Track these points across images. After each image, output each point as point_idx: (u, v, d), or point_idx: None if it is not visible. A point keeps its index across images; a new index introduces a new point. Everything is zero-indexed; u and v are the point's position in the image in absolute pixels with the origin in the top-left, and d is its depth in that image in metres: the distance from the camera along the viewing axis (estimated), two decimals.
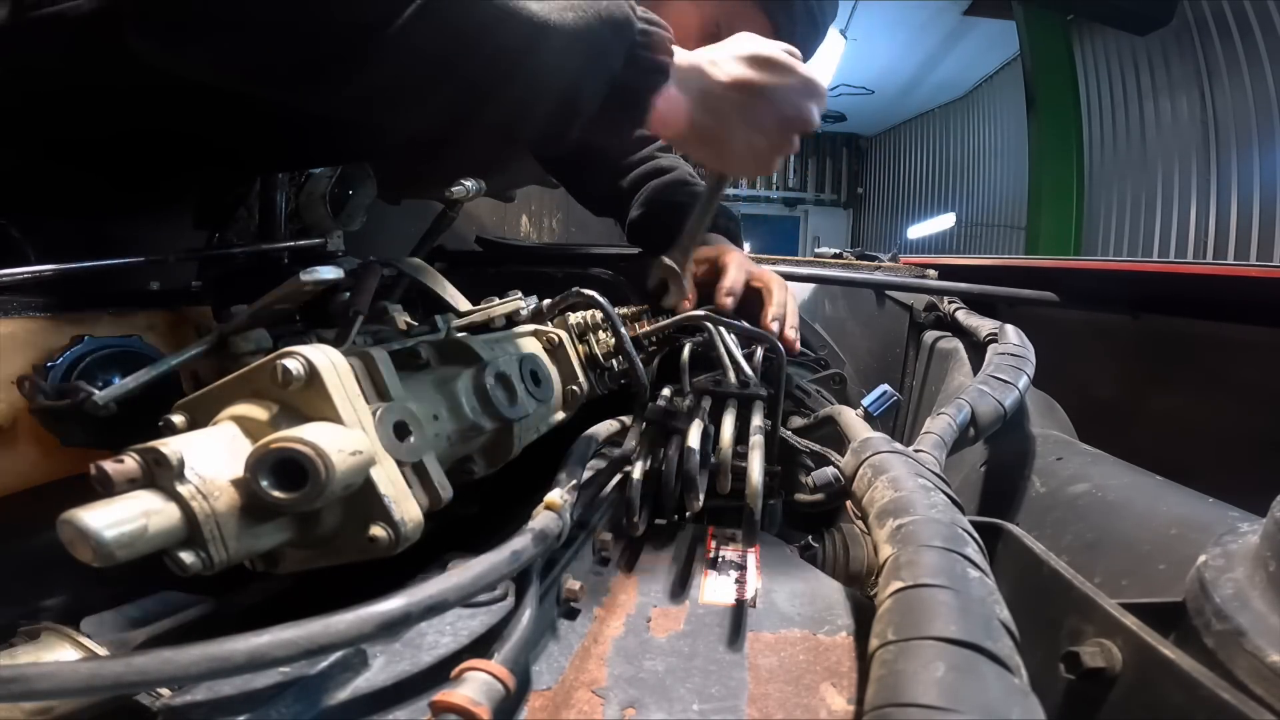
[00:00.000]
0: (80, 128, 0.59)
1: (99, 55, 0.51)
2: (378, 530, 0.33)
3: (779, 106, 0.58)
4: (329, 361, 0.34)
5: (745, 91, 0.56)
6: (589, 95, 0.50)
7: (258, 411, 0.33)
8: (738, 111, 0.57)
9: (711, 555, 0.46)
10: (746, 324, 0.66)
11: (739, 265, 0.81)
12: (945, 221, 7.59)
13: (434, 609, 0.29)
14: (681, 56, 0.55)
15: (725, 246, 0.86)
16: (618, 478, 0.52)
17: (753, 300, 0.81)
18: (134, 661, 0.23)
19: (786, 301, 0.81)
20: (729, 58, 0.57)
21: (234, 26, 0.42)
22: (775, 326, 0.78)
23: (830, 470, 0.56)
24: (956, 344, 0.93)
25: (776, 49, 0.58)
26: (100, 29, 0.49)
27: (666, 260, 0.72)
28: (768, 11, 0.78)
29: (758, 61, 0.57)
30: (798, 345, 0.82)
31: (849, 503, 0.53)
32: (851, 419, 0.57)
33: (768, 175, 0.74)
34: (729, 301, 0.78)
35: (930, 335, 1.02)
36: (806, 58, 0.88)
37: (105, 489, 0.28)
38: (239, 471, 0.30)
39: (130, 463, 0.29)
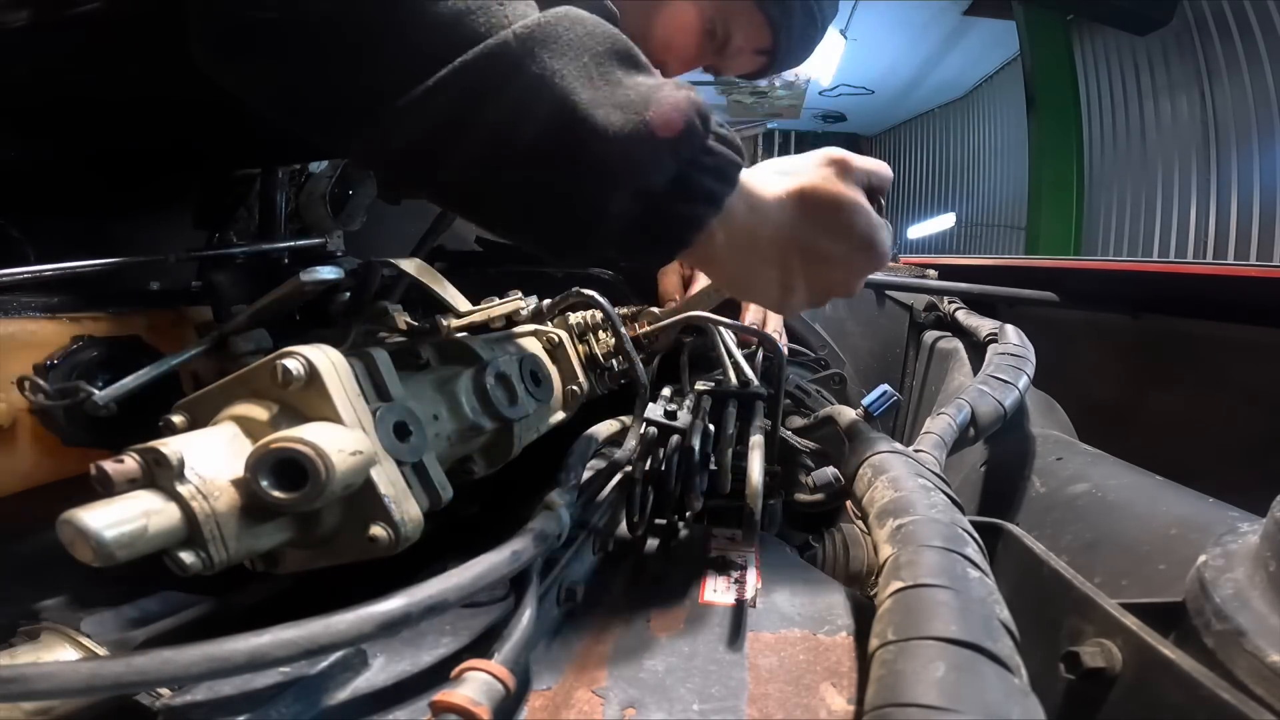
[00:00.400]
0: (92, 131, 0.59)
1: (109, 59, 0.51)
2: (378, 530, 0.33)
3: (831, 275, 0.45)
4: (329, 361, 0.34)
5: (797, 253, 0.44)
6: (614, 214, 0.38)
7: (258, 411, 0.33)
8: (779, 267, 0.44)
9: (711, 555, 0.46)
10: (745, 324, 0.66)
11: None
12: (945, 221, 7.59)
13: (434, 609, 0.29)
14: (750, 185, 0.42)
15: None
16: (618, 478, 0.52)
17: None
18: (134, 662, 0.23)
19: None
20: (795, 197, 0.43)
21: (280, 51, 0.37)
22: (751, 318, 0.73)
23: (830, 470, 0.56)
24: (956, 344, 0.93)
25: (858, 207, 0.44)
26: (110, 32, 0.49)
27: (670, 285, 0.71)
28: (765, 10, 0.76)
29: (828, 213, 0.43)
30: (782, 340, 0.78)
31: (849, 503, 0.53)
32: (851, 419, 0.57)
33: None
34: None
35: (930, 335, 1.02)
36: (806, 55, 0.83)
37: (105, 489, 0.28)
38: (239, 471, 0.30)
39: (130, 463, 0.29)
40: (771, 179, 0.44)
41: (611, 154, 0.36)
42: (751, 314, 0.76)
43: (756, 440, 0.48)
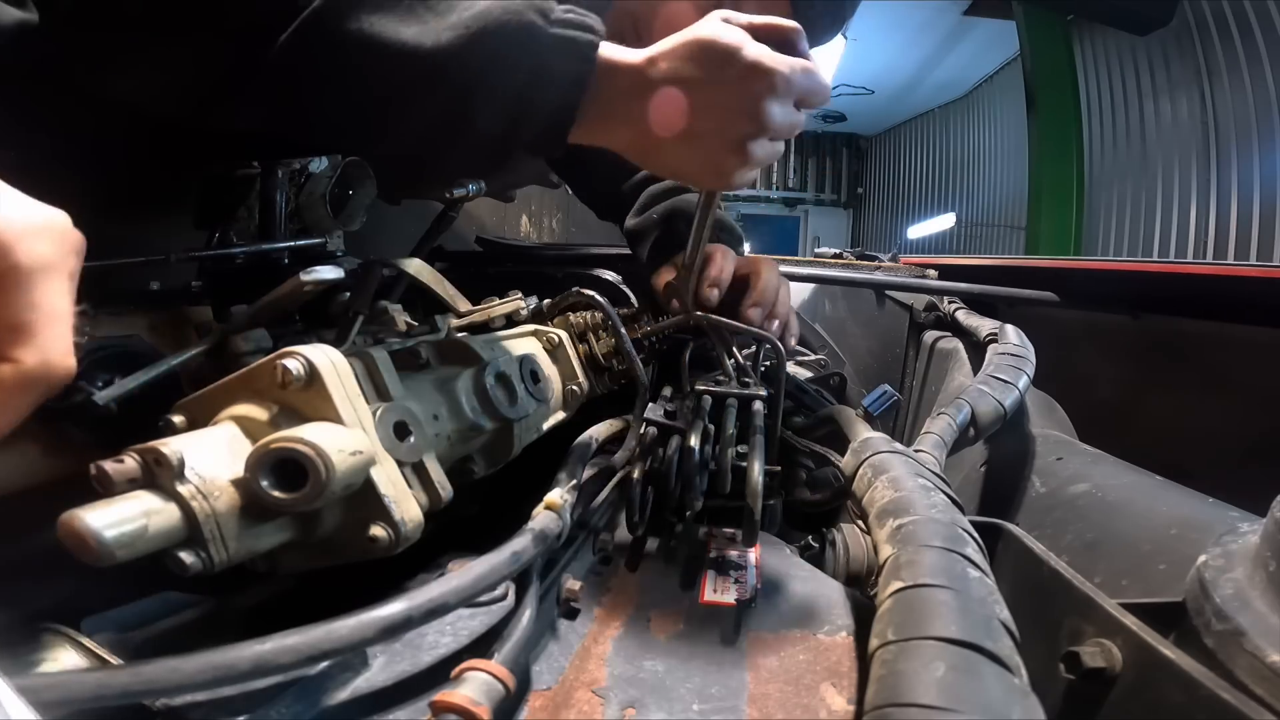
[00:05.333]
0: (89, 130, 0.59)
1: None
2: (378, 530, 0.33)
3: (720, 113, 0.46)
4: (329, 361, 0.34)
5: (682, 94, 0.45)
6: (488, 123, 0.44)
7: (258, 411, 0.33)
8: (676, 125, 0.46)
9: (711, 555, 0.46)
10: (745, 325, 0.66)
11: (724, 255, 0.74)
12: (945, 221, 7.59)
13: (435, 612, 0.29)
14: (616, 56, 0.46)
15: (714, 245, 0.78)
16: (618, 478, 0.52)
17: (741, 290, 0.75)
18: (141, 671, 0.24)
19: (776, 289, 0.75)
20: (669, 53, 0.46)
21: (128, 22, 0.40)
22: (754, 314, 0.71)
23: (830, 470, 0.56)
24: (956, 344, 0.93)
25: (730, 35, 0.45)
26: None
27: (665, 281, 0.68)
28: None
29: (700, 53, 0.45)
30: (791, 336, 0.76)
31: (849, 503, 0.53)
32: (851, 419, 0.57)
33: (738, 188, 0.55)
34: (714, 294, 0.71)
35: (930, 335, 1.02)
36: (827, 32, 0.76)
37: (105, 489, 0.28)
38: (239, 471, 0.30)
39: (130, 463, 0.29)
40: (653, 49, 0.47)
41: (454, 71, 0.41)
42: (754, 296, 0.73)
43: (756, 440, 0.48)
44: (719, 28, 0.46)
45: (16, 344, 0.25)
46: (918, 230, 8.25)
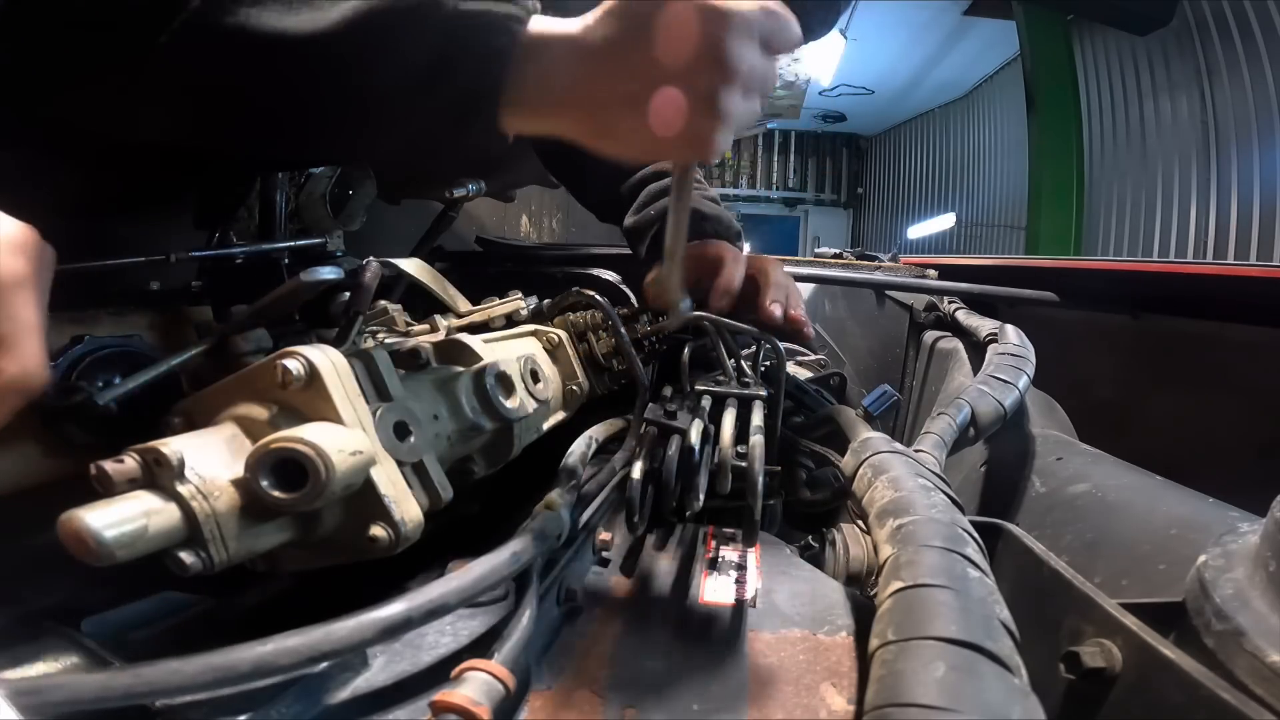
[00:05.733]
0: (88, 131, 0.58)
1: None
2: (378, 530, 0.33)
3: (679, 65, 0.39)
4: (329, 361, 0.34)
5: (633, 54, 0.40)
6: (395, 109, 0.41)
7: (258, 411, 0.33)
8: (620, 77, 0.41)
9: (711, 555, 0.46)
10: (745, 325, 0.66)
11: (734, 260, 0.72)
12: (945, 221, 7.59)
13: (435, 613, 0.29)
14: (548, 28, 0.41)
15: (718, 244, 0.75)
16: (618, 478, 0.52)
17: (752, 292, 0.72)
18: (143, 673, 0.24)
19: (787, 284, 0.73)
20: (609, 10, 0.40)
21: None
22: (776, 310, 0.68)
23: (830, 470, 0.56)
24: (956, 344, 0.93)
25: None
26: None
27: (653, 278, 0.65)
28: None
29: (635, 11, 0.39)
30: (807, 328, 0.72)
31: (849, 503, 0.53)
32: (851, 419, 0.57)
33: (716, 156, 0.44)
34: (725, 303, 0.68)
35: (930, 335, 1.02)
36: (820, 28, 0.73)
37: (105, 489, 0.28)
38: (239, 471, 0.30)
39: (130, 463, 0.29)
40: (586, 15, 0.41)
41: (342, 58, 0.38)
42: (771, 293, 0.71)
43: (756, 440, 0.48)
44: None
45: None
46: (918, 230, 8.25)
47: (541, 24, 0.41)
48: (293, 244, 0.75)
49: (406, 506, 0.34)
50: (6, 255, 0.27)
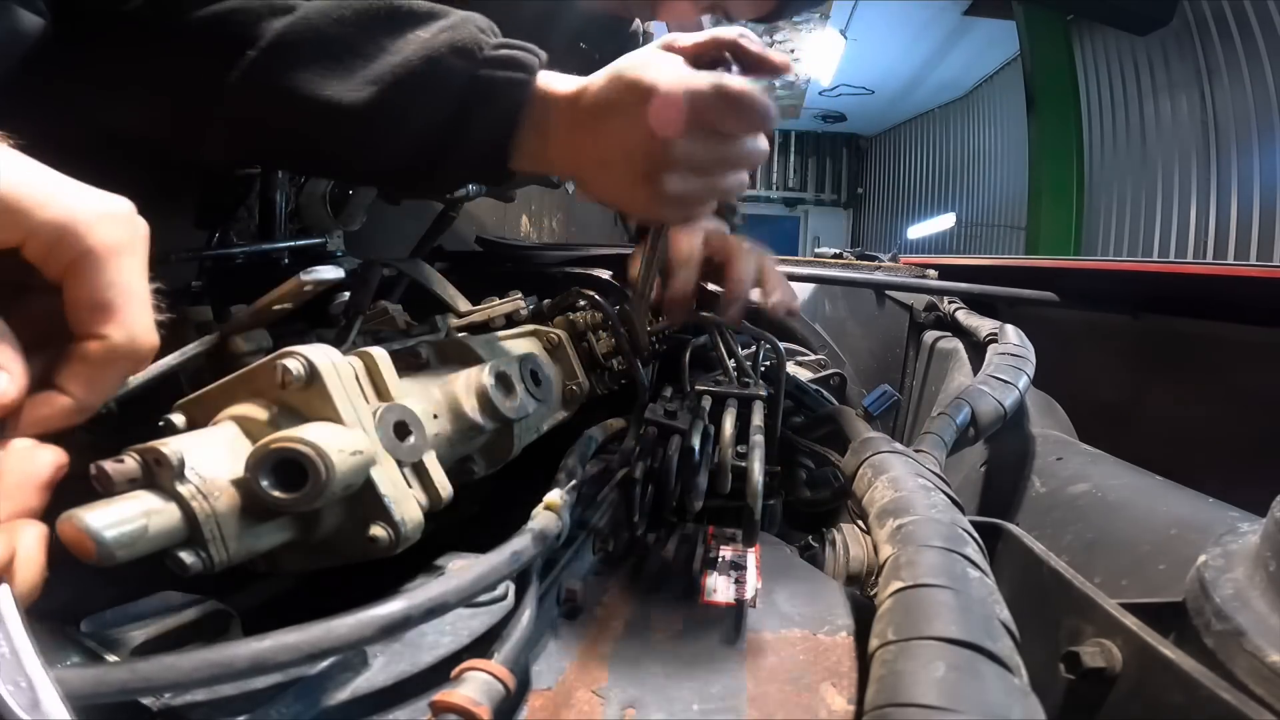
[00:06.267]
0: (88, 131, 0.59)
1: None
2: (378, 530, 0.33)
3: (625, 143, 0.44)
4: (329, 361, 0.34)
5: (602, 123, 0.44)
6: (413, 162, 0.47)
7: (258, 411, 0.33)
8: (598, 144, 0.45)
9: (711, 555, 0.46)
10: (747, 323, 0.66)
11: (746, 262, 0.63)
12: (945, 221, 7.59)
13: (434, 611, 0.29)
14: (553, 87, 0.46)
15: (727, 241, 0.66)
16: (618, 478, 0.52)
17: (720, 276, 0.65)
18: (138, 668, 0.23)
19: (754, 268, 0.64)
20: (597, 84, 0.45)
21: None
22: (734, 311, 0.62)
23: (830, 470, 0.56)
24: (956, 344, 0.93)
25: (646, 65, 0.44)
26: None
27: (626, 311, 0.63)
28: None
29: (616, 81, 0.44)
30: (794, 302, 0.66)
31: (849, 503, 0.53)
32: (851, 419, 0.57)
33: (675, 222, 0.56)
34: (735, 312, 0.63)
35: (930, 335, 1.02)
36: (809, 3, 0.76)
37: (105, 489, 0.28)
38: (239, 471, 0.30)
39: (130, 463, 0.29)
40: (583, 80, 0.46)
41: (372, 124, 0.44)
42: (732, 285, 0.64)
43: (756, 440, 0.48)
44: (644, 56, 0.45)
45: (102, 322, 0.27)
46: (918, 230, 8.25)
47: (549, 81, 0.46)
48: (293, 244, 0.75)
49: (406, 506, 0.34)
50: (110, 225, 0.27)
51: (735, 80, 0.43)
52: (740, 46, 0.46)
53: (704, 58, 0.46)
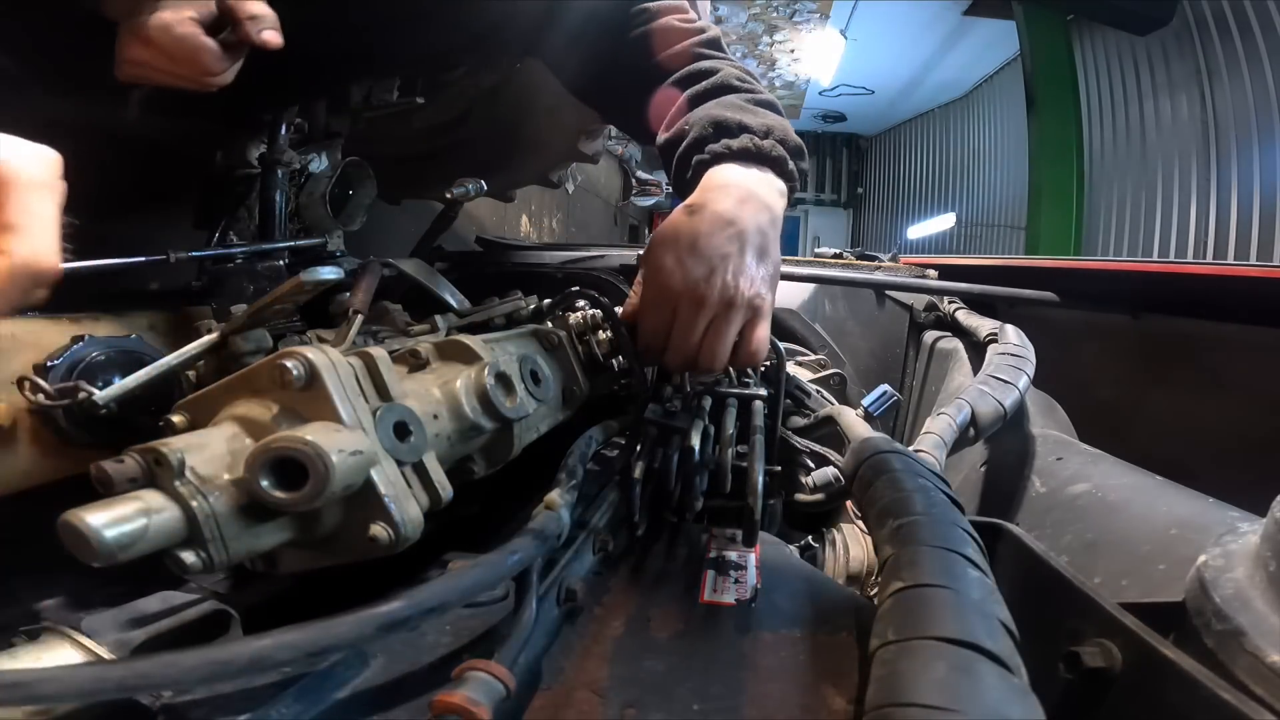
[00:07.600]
0: (89, 130, 0.59)
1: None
2: (378, 530, 0.33)
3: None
4: (329, 361, 0.34)
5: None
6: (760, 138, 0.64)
7: (258, 411, 0.33)
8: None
9: (711, 555, 0.46)
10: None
11: (690, 320, 0.54)
12: (945, 221, 7.59)
13: (434, 610, 0.29)
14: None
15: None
16: (618, 478, 0.52)
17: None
18: (136, 665, 0.23)
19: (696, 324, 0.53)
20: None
21: None
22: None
23: (830, 470, 0.56)
24: (956, 344, 0.93)
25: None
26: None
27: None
28: None
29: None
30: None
31: (849, 503, 0.53)
32: (851, 419, 0.57)
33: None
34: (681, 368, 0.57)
35: (930, 335, 1.02)
36: None
37: (105, 489, 0.28)
38: (239, 471, 0.30)
39: (130, 463, 0.29)
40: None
41: (756, 126, 0.62)
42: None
43: (756, 440, 0.48)
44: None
45: (8, 239, 0.30)
46: (918, 230, 8.25)
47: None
48: (293, 244, 0.75)
49: (406, 506, 0.34)
50: (26, 160, 0.31)
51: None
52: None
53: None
